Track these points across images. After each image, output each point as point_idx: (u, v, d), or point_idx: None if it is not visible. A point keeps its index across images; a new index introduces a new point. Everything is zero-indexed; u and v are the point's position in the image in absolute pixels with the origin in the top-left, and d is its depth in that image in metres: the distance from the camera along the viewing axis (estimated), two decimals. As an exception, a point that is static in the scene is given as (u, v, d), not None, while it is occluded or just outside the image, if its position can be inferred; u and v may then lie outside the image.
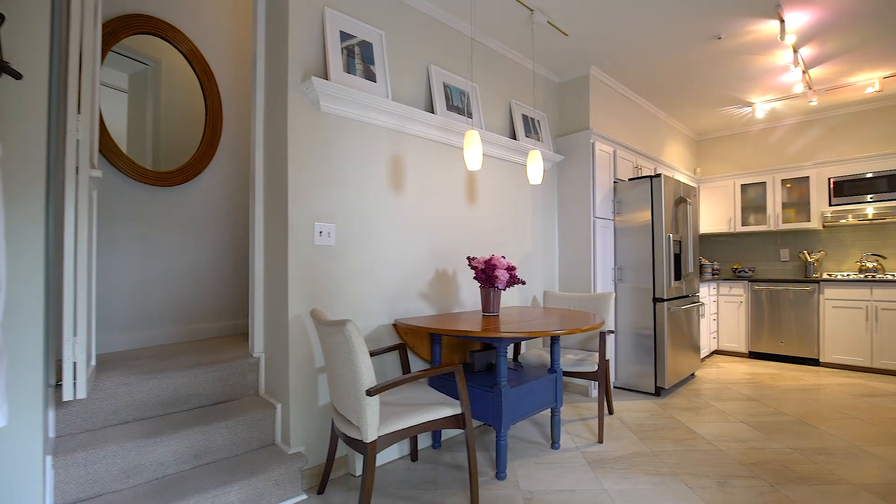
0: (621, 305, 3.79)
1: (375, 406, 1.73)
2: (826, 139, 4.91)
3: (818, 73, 3.81)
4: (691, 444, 2.66)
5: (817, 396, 3.55)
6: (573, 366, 2.82)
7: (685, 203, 3.95)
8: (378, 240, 2.52)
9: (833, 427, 2.92)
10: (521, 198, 3.48)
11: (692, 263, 4.07)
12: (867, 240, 4.71)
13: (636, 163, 4.19)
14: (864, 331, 4.25)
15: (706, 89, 4.19)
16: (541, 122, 3.64)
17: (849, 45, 3.30)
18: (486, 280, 2.55)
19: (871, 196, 4.47)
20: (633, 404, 3.40)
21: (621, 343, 3.79)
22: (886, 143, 4.56)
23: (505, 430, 2.23)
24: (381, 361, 2.54)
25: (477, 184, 3.11)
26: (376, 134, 2.52)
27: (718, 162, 5.67)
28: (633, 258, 3.72)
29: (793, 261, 5.15)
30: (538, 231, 3.65)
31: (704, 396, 3.59)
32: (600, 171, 3.69)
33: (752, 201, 5.22)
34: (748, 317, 4.91)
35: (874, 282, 4.20)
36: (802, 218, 4.87)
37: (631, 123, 4.32)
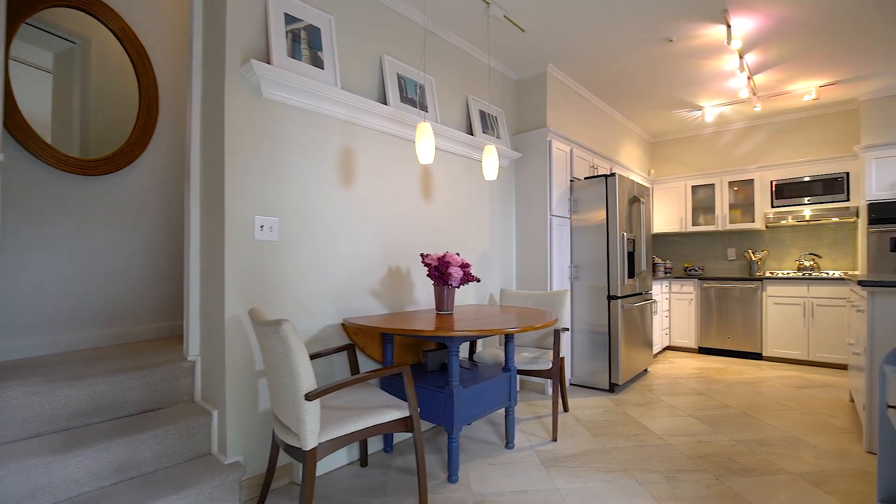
0: (577, 303, 3.82)
1: (315, 411, 1.62)
2: (769, 144, 5.16)
3: (762, 80, 3.98)
4: (642, 440, 2.69)
5: (760, 389, 3.70)
6: (528, 364, 2.80)
7: (639, 202, 4.03)
8: (327, 235, 2.40)
9: (773, 418, 3.03)
10: (478, 195, 3.43)
11: (645, 262, 4.16)
12: (805, 240, 4.98)
13: (592, 162, 4.24)
14: (801, 326, 4.48)
15: (659, 91, 4.29)
16: (498, 118, 3.61)
17: (789, 53, 3.46)
18: (439, 278, 2.48)
19: (809, 198, 4.72)
20: (587, 401, 3.43)
21: (577, 340, 3.82)
22: (822, 149, 4.83)
23: (457, 432, 2.16)
24: (330, 363, 2.42)
25: (433, 179, 3.04)
26: (325, 124, 2.40)
27: (671, 164, 5.85)
28: (589, 256, 3.76)
29: (739, 260, 5.38)
30: (496, 229, 3.61)
31: (656, 391, 3.67)
32: (557, 169, 3.70)
33: (701, 202, 5.42)
34: (698, 314, 5.09)
35: (811, 279, 4.43)
36: (747, 219, 5.09)
37: (588, 123, 4.37)
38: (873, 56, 3.52)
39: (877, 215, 4.17)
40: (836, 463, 2.37)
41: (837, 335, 4.29)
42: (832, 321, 4.32)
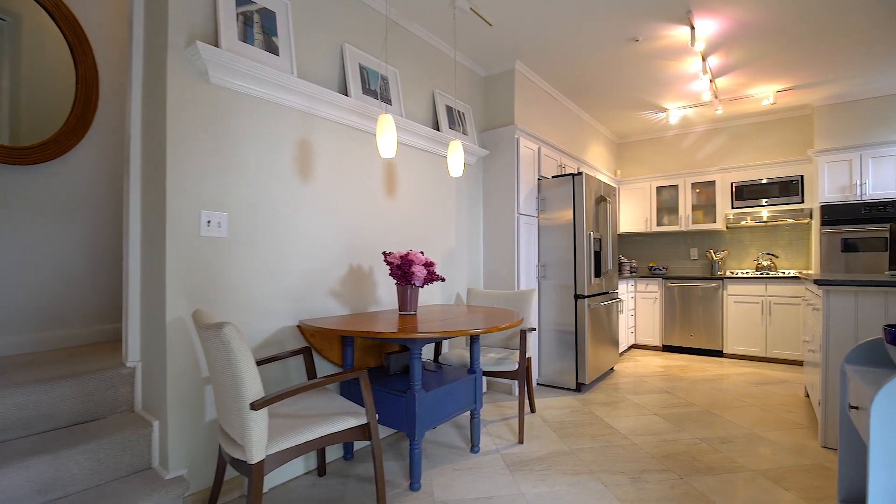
0: (545, 302, 3.79)
1: (262, 421, 1.50)
2: (729, 146, 5.30)
3: (723, 83, 4.07)
4: (608, 440, 2.67)
5: (721, 386, 3.77)
6: (494, 365, 2.73)
7: (605, 202, 4.04)
8: (282, 232, 2.26)
9: (734, 415, 3.08)
10: (444, 192, 3.35)
11: (611, 261, 4.18)
12: (762, 240, 5.14)
13: (560, 161, 4.23)
14: (759, 323, 4.61)
15: (626, 92, 4.33)
16: (465, 114, 3.54)
17: (750, 57, 3.53)
18: (402, 277, 2.38)
19: (766, 200, 4.87)
20: (554, 401, 3.40)
21: (545, 340, 3.79)
22: (779, 153, 5.00)
23: (419, 438, 2.07)
24: (285, 368, 2.28)
25: (397, 175, 2.94)
26: (281, 115, 2.26)
27: (637, 165, 5.94)
28: (556, 256, 3.74)
29: (701, 259, 5.51)
30: (462, 227, 3.54)
31: (622, 390, 3.68)
32: (525, 167, 3.67)
33: (665, 203, 5.52)
34: (662, 312, 5.17)
35: (769, 279, 4.57)
36: (709, 219, 5.21)
37: (556, 122, 4.37)
38: (826, 63, 3.65)
39: (829, 217, 4.34)
40: (794, 459, 2.41)
41: (793, 332, 4.44)
42: (788, 319, 4.46)
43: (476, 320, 2.25)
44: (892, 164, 4.12)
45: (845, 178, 4.31)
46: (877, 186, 4.17)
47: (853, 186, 4.26)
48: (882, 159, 4.16)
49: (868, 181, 4.20)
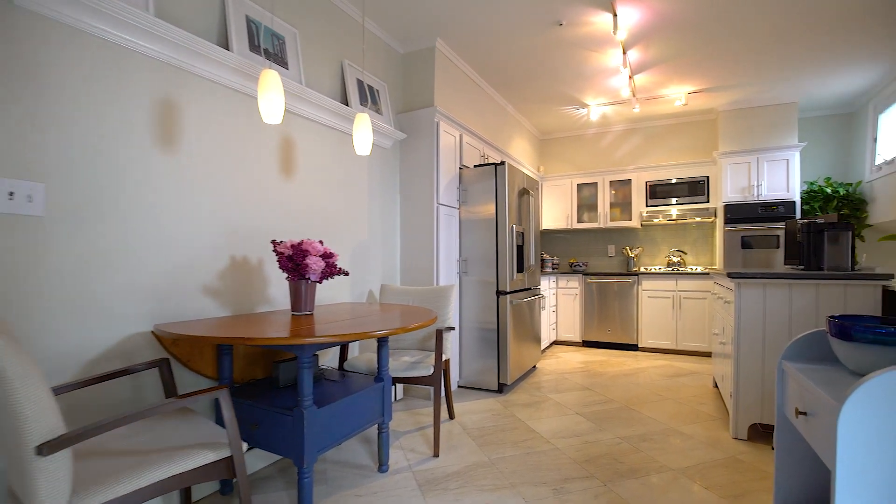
0: (466, 299, 3.56)
1: (59, 469, 1.05)
2: (644, 146, 5.47)
3: (641, 81, 4.11)
4: (530, 446, 2.48)
5: (638, 380, 3.78)
6: (407, 370, 2.42)
7: (528, 195, 3.91)
8: (132, 213, 1.77)
9: (652, 410, 3.05)
10: (356, 177, 2.98)
11: (534, 256, 4.06)
12: (673, 237, 5.36)
13: (483, 152, 4.03)
14: (671, 317, 4.77)
15: (549, 84, 4.24)
16: (381, 92, 3.19)
17: (666, 54, 3.56)
18: (293, 270, 1.99)
19: (676, 199, 5.07)
20: (475, 404, 3.17)
21: (466, 339, 3.56)
22: (688, 154, 5.24)
23: (309, 466, 1.70)
24: (137, 385, 1.79)
25: (297, 153, 2.52)
26: (132, 63, 1.77)
27: (559, 162, 5.96)
28: (478, 250, 3.52)
29: (618, 256, 5.64)
30: (377, 217, 3.19)
31: (544, 389, 3.55)
32: (445, 155, 3.40)
33: (586, 200, 5.58)
34: (582, 308, 5.20)
35: (679, 274, 4.74)
36: (626, 217, 5.34)
37: (479, 111, 4.16)
38: (731, 68, 3.80)
39: (731, 216, 4.58)
40: (710, 453, 2.37)
41: (700, 325, 4.63)
42: (696, 313, 4.65)
43: (383, 320, 1.93)
44: (784, 168, 4.43)
45: (745, 180, 4.57)
46: (771, 188, 4.47)
47: (751, 187, 4.53)
48: (775, 163, 4.46)
49: (764, 183, 4.49)
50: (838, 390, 0.88)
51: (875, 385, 0.72)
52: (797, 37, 3.30)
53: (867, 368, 0.96)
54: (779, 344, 2.47)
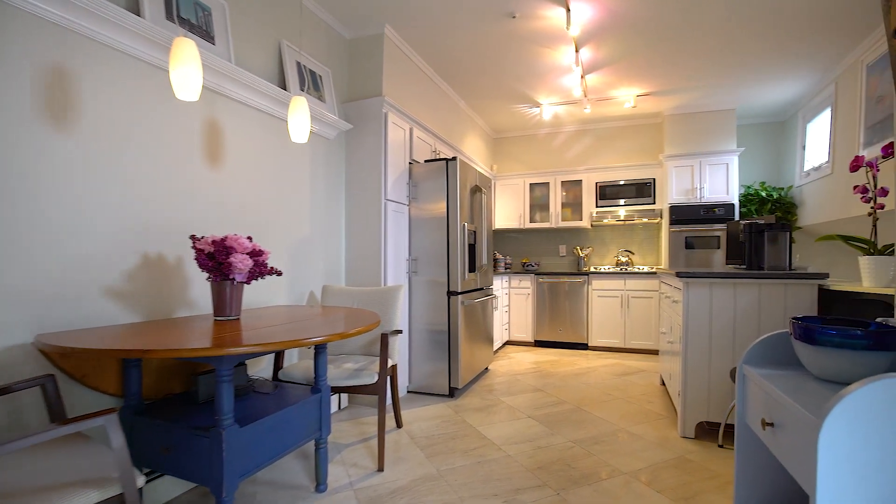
0: (416, 300, 3.40)
1: None
2: (595, 147, 5.54)
3: (592, 81, 4.12)
4: (482, 454, 2.36)
5: (588, 380, 3.78)
6: (348, 378, 2.22)
7: (481, 193, 3.80)
8: (16, 199, 1.47)
9: (602, 410, 3.02)
10: (296, 169, 2.74)
11: (486, 256, 3.97)
12: (621, 238, 5.46)
13: (435, 147, 3.89)
14: (619, 316, 4.84)
15: (502, 80, 4.16)
16: (324, 78, 2.97)
17: (617, 54, 3.58)
18: (215, 269, 1.75)
19: (624, 200, 5.16)
20: (425, 411, 3.02)
21: (416, 342, 3.40)
22: (636, 156, 5.35)
23: (229, 494, 1.47)
24: (15, 408, 1.49)
25: (225, 139, 2.26)
26: (13, 20, 1.47)
27: (512, 161, 5.93)
28: (429, 249, 3.37)
29: (569, 255, 5.68)
30: (320, 212, 2.97)
31: (496, 392, 3.45)
32: (394, 148, 3.23)
33: (538, 200, 5.57)
34: (534, 308, 5.18)
35: (627, 274, 4.82)
36: (577, 217, 5.38)
37: (432, 105, 4.02)
38: (677, 72, 3.88)
39: (676, 217, 4.71)
40: (660, 454, 2.35)
41: (647, 324, 4.73)
42: (643, 311, 4.74)
43: (321, 325, 1.73)
44: (724, 172, 4.61)
45: (688, 182, 4.72)
46: (712, 190, 4.63)
47: (694, 190, 4.68)
48: (716, 166, 4.63)
49: (706, 185, 4.65)
50: (811, 401, 0.80)
51: (860, 397, 0.64)
52: (739, 45, 3.40)
53: (832, 374, 0.91)
54: (724, 342, 2.49)
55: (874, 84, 3.14)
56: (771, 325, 2.42)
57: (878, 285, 2.05)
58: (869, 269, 2.09)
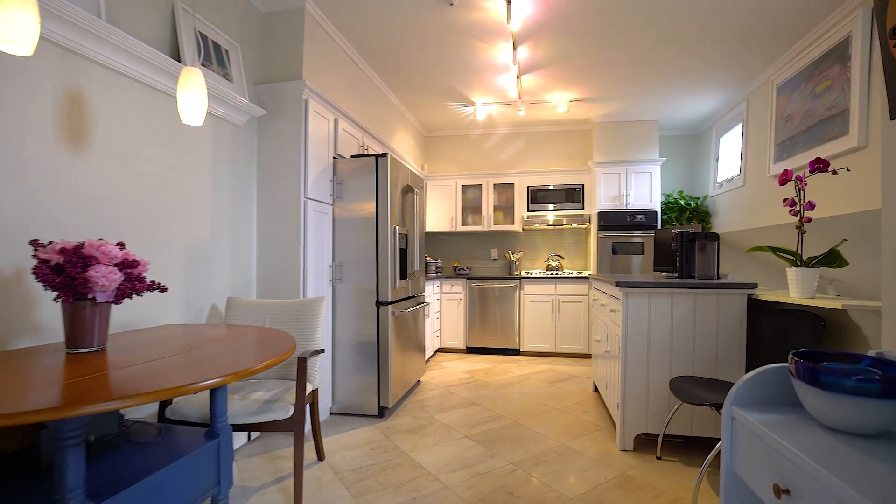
0: (341, 310, 3.05)
1: None
2: (527, 151, 5.52)
3: (528, 83, 4.03)
4: (416, 487, 2.09)
5: (523, 389, 3.67)
6: (257, 413, 1.85)
7: (413, 193, 3.54)
8: None
9: (540, 424, 2.90)
10: (194, 158, 2.28)
11: (418, 261, 3.71)
12: (551, 242, 5.49)
13: (363, 142, 3.56)
14: (550, 321, 4.83)
15: (437, 75, 3.93)
16: (231, 53, 2.53)
17: (553, 55, 3.50)
18: (66, 287, 1.31)
19: (554, 205, 5.18)
20: (351, 437, 2.69)
21: (341, 356, 3.05)
22: (566, 162, 5.40)
23: None
24: None
25: (94, 115, 1.77)
26: None
27: (444, 161, 5.74)
28: (355, 253, 3.04)
29: (501, 259, 5.60)
30: (224, 212, 2.52)
31: (429, 408, 3.21)
32: (316, 141, 2.86)
33: (470, 202, 5.43)
34: (467, 313, 5.02)
35: (557, 278, 4.82)
36: (508, 221, 5.31)
37: (360, 97, 3.67)
38: (609, 80, 3.91)
39: (604, 223, 4.79)
40: (602, 472, 2.25)
41: (577, 328, 4.77)
42: (573, 316, 4.77)
43: (222, 354, 1.36)
44: (648, 180, 4.77)
45: (615, 189, 4.83)
46: (637, 198, 4.78)
47: (621, 197, 4.80)
48: (641, 175, 4.79)
49: (631, 193, 4.78)
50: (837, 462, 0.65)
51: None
52: (666, 61, 3.48)
53: (843, 424, 0.78)
54: (662, 352, 2.47)
55: (783, 104, 3.35)
56: (705, 334, 2.43)
57: (804, 297, 2.09)
58: (795, 280, 2.14)
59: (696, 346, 2.44)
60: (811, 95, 2.99)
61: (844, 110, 2.65)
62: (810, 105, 2.99)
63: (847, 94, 2.64)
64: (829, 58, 2.82)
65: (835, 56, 2.77)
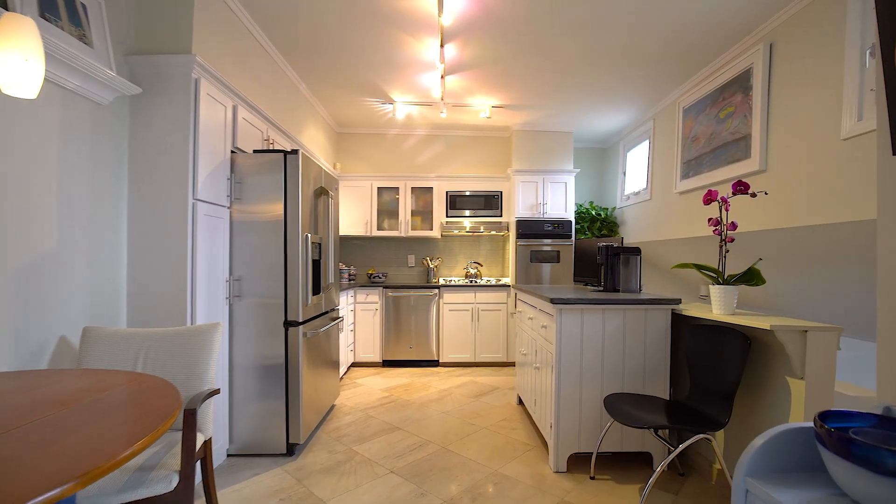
0: (240, 330, 2.58)
1: None
2: (446, 155, 5.35)
3: (452, 84, 3.85)
4: (336, 550, 1.76)
5: (446, 407, 3.47)
6: (125, 489, 1.38)
7: (327, 196, 3.15)
8: None
9: (470, 448, 2.71)
10: (25, 142, 1.70)
11: (333, 272, 3.33)
12: (469, 249, 5.39)
13: (267, 135, 3.08)
14: (469, 330, 4.71)
15: (355, 67, 3.57)
16: (90, 9, 1.95)
17: (481, 58, 3.35)
18: None
19: (473, 212, 5.08)
20: (255, 486, 2.25)
21: (240, 383, 2.58)
22: (486, 168, 5.34)
23: None
24: None
25: None
26: None
27: (358, 161, 5.34)
28: (259, 265, 2.59)
29: (418, 266, 5.37)
30: (79, 214, 1.94)
31: (347, 439, 2.85)
32: (210, 130, 2.37)
33: (386, 205, 5.12)
34: (383, 324, 4.70)
35: (477, 286, 4.72)
36: (427, 226, 5.10)
37: (264, 83, 3.19)
38: (531, 88, 3.88)
39: (522, 231, 4.80)
40: (541, 501, 2.12)
41: (496, 337, 4.71)
42: (492, 324, 4.71)
43: (66, 431, 0.93)
44: (563, 190, 4.88)
45: (533, 198, 4.86)
46: (553, 207, 4.86)
47: (539, 205, 4.85)
48: (557, 185, 4.88)
49: (548, 202, 4.85)
50: None
51: None
52: (584, 75, 3.52)
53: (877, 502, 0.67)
54: (595, 369, 2.42)
55: (689, 125, 3.58)
56: (633, 350, 2.43)
57: (725, 313, 2.16)
58: (717, 297, 2.20)
59: (626, 361, 2.44)
60: (716, 119, 3.21)
61: (747, 135, 2.86)
62: (715, 128, 3.21)
63: (749, 120, 2.85)
64: (733, 86, 3.04)
65: (737, 85, 2.99)
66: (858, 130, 2.16)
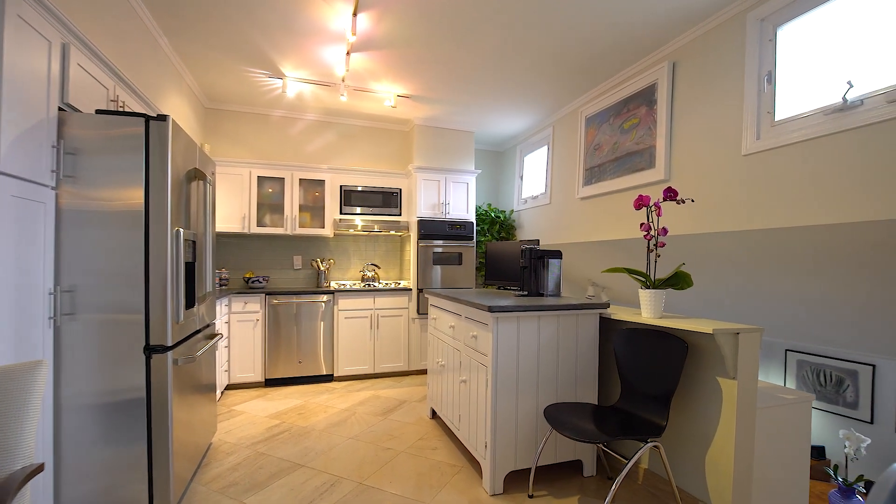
0: (74, 361, 1.83)
1: None
2: (340, 145, 4.83)
3: (358, 63, 3.41)
4: None
5: (354, 431, 3.03)
6: None
7: (204, 182, 2.49)
8: None
9: (392, 479, 2.35)
10: None
11: (210, 278, 2.66)
12: (365, 249, 4.95)
13: (115, 94, 2.30)
14: (368, 338, 4.30)
15: (239, 25, 2.91)
16: None
17: (396, 36, 3.00)
18: None
19: (370, 209, 4.67)
20: (97, 589, 1.57)
21: (70, 431, 1.83)
22: (385, 163, 4.96)
23: None
24: None
25: None
26: None
27: (233, 143, 4.51)
28: (107, 270, 1.87)
29: (305, 269, 4.75)
30: None
31: (234, 489, 2.25)
32: (22, 74, 1.62)
33: (269, 198, 4.41)
34: (265, 338, 4.01)
35: (376, 290, 4.33)
36: (317, 224, 4.53)
37: (114, 30, 2.39)
38: (440, 80, 3.65)
39: (424, 231, 4.54)
40: (485, 539, 1.88)
41: (396, 344, 4.37)
42: (393, 331, 4.36)
43: None
44: (465, 190, 4.76)
45: (435, 197, 4.65)
46: (456, 208, 4.71)
47: (441, 205, 4.65)
48: (459, 185, 4.74)
49: (450, 202, 4.69)
50: None
51: None
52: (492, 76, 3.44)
53: None
54: (530, 379, 2.27)
55: (591, 133, 3.73)
56: (566, 356, 2.35)
57: (654, 316, 2.19)
58: (647, 301, 2.22)
59: (560, 369, 2.34)
60: (620, 130, 3.37)
61: (651, 146, 3.03)
62: (619, 138, 3.37)
63: (653, 132, 3.02)
64: (637, 99, 3.20)
65: (642, 98, 3.16)
66: (757, 148, 2.38)
